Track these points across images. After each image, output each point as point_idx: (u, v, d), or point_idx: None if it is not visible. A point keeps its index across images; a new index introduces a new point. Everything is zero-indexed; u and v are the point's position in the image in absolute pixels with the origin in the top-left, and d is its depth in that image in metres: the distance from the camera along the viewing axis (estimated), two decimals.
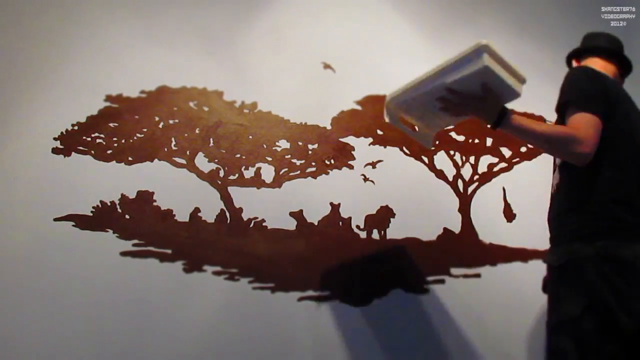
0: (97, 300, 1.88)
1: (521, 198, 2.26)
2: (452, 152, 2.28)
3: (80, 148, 2.06)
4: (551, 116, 2.40)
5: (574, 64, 1.81)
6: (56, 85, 2.12)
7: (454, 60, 1.47)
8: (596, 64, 1.68)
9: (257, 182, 2.12)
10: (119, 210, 2.00)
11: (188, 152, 2.12)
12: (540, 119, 2.38)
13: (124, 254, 1.95)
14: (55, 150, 2.03)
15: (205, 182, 2.09)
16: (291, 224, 2.08)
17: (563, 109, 1.47)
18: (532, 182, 2.26)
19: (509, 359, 2.06)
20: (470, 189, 2.25)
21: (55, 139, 2.05)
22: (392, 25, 2.46)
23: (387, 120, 1.72)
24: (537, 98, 2.44)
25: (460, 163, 2.27)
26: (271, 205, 2.09)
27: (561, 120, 1.48)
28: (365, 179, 2.19)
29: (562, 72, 2.51)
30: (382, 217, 2.14)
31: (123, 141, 2.09)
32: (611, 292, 1.30)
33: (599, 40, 1.78)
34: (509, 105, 1.48)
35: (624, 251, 1.34)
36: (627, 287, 1.30)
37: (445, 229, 2.17)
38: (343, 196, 2.14)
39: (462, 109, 1.52)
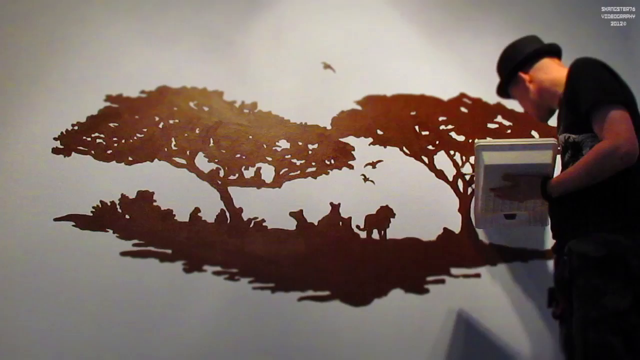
0: (97, 300, 1.88)
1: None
2: (452, 152, 2.28)
3: (80, 148, 2.06)
4: None
5: (526, 78, 1.72)
6: (56, 85, 2.12)
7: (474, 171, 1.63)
8: (548, 66, 1.68)
9: (257, 182, 2.12)
10: (119, 210, 2.00)
11: (188, 152, 2.12)
12: None
13: (124, 254, 1.95)
14: (55, 150, 2.04)
15: (205, 182, 2.09)
16: (291, 224, 2.08)
17: (588, 111, 1.41)
18: None
19: (509, 359, 2.06)
20: (470, 189, 2.25)
21: (55, 139, 2.05)
22: (393, 25, 2.46)
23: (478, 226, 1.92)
24: None
25: (460, 163, 2.27)
26: (271, 205, 2.09)
27: (582, 126, 1.44)
28: (365, 179, 2.19)
29: None
30: (382, 217, 2.14)
31: (123, 141, 2.09)
32: None
33: (532, 44, 1.77)
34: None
35: None
36: None
37: (445, 229, 2.17)
38: (343, 196, 2.14)
39: (517, 199, 1.59)
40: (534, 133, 2.36)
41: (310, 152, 2.19)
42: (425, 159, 2.26)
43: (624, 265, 1.31)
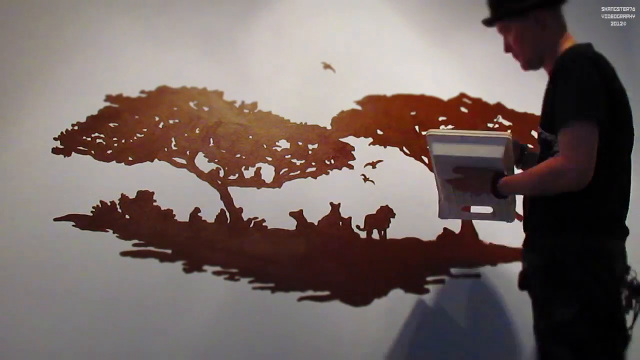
0: (97, 300, 1.88)
1: (521, 197, 2.26)
2: None
3: (80, 148, 2.06)
4: None
5: (544, 16, 1.50)
6: (56, 85, 2.12)
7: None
8: (568, 38, 1.50)
9: (257, 182, 2.12)
10: (119, 210, 2.00)
11: (188, 152, 2.12)
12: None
13: (124, 254, 1.95)
14: (55, 150, 2.03)
15: (205, 182, 2.09)
16: (291, 224, 2.08)
17: (557, 119, 1.32)
18: None
19: (509, 358, 2.06)
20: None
21: (55, 139, 2.05)
22: (392, 25, 2.45)
23: (441, 216, 1.80)
24: (537, 98, 2.44)
25: None
26: (271, 205, 2.09)
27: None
28: (365, 179, 2.19)
29: None
30: (382, 217, 2.14)
31: (123, 141, 2.09)
32: (603, 291, 1.23)
33: None
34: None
35: (613, 247, 1.28)
36: (617, 284, 1.25)
37: (445, 229, 2.17)
38: (343, 196, 2.14)
39: (470, 189, 1.52)
40: (533, 133, 2.36)
41: (310, 152, 2.19)
42: (425, 159, 2.26)
43: (566, 274, 1.26)
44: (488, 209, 1.69)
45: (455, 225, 2.18)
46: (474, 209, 1.75)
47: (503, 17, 1.53)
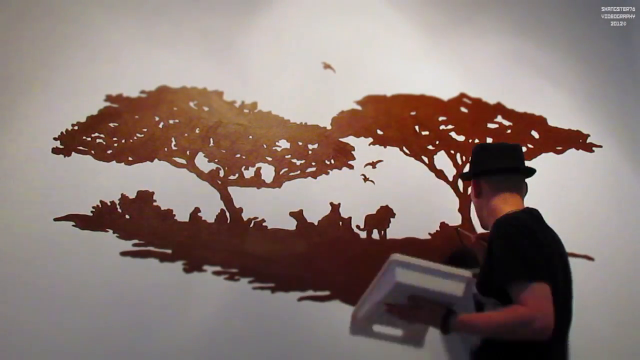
0: (97, 300, 1.88)
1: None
2: (452, 152, 2.28)
3: (80, 148, 2.06)
4: (549, 115, 2.40)
5: (475, 186, 1.67)
6: (56, 85, 2.12)
7: (376, 279, 1.48)
8: (506, 201, 1.58)
9: (257, 182, 2.12)
10: (119, 210, 2.00)
11: (188, 152, 2.12)
12: (541, 119, 2.38)
13: (124, 254, 1.95)
14: (55, 150, 2.03)
15: (205, 182, 2.09)
16: (291, 224, 2.08)
17: (504, 284, 1.36)
18: (533, 181, 2.26)
19: None
20: (470, 189, 2.24)
21: (55, 139, 2.05)
22: (392, 25, 2.46)
23: (352, 333, 1.72)
24: (537, 98, 2.45)
25: (460, 163, 2.27)
26: (271, 205, 2.09)
27: (500, 295, 1.39)
28: (365, 179, 2.19)
29: (562, 72, 2.54)
30: (382, 217, 2.14)
31: (123, 141, 2.09)
32: None
33: (501, 158, 1.66)
34: None
35: None
36: None
37: (445, 229, 2.16)
38: (343, 196, 2.14)
39: (409, 320, 1.48)
40: (533, 133, 2.36)
41: (310, 152, 2.19)
42: (425, 159, 2.26)
43: None
44: (398, 332, 1.66)
45: (455, 225, 2.18)
46: (385, 330, 1.68)
47: (463, 179, 1.80)
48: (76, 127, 2.08)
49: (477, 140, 2.31)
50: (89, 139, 2.07)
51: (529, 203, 2.06)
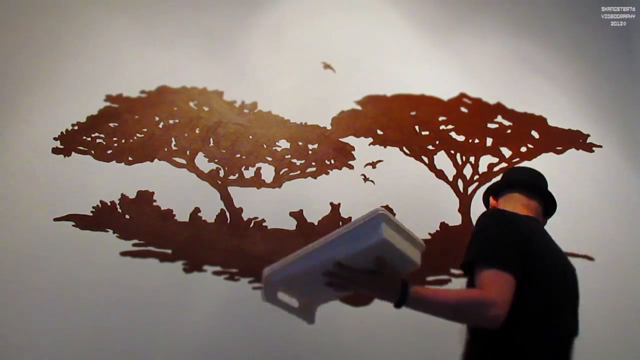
0: (97, 300, 1.88)
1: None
2: (452, 152, 2.28)
3: (80, 148, 2.06)
4: (549, 115, 2.40)
5: (492, 202, 1.62)
6: (56, 85, 2.12)
7: (345, 231, 1.26)
8: (516, 201, 1.53)
9: (257, 182, 2.12)
10: (119, 210, 2.00)
11: (188, 152, 2.12)
12: (541, 119, 2.38)
13: (124, 254, 1.95)
14: (55, 150, 2.03)
15: (205, 182, 2.09)
16: (291, 224, 2.08)
17: (470, 268, 1.31)
18: None
19: None
20: (470, 189, 2.25)
21: (55, 139, 2.05)
22: (392, 25, 2.46)
23: (263, 299, 1.45)
24: (537, 98, 2.45)
25: (460, 163, 2.27)
26: (271, 205, 2.09)
27: (471, 280, 1.32)
28: (365, 179, 2.19)
29: (562, 72, 2.54)
30: None
31: (123, 141, 2.09)
32: None
33: (518, 174, 1.63)
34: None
35: None
36: None
37: (445, 229, 2.16)
38: (343, 196, 2.14)
39: (352, 286, 1.30)
40: (533, 133, 2.36)
41: (310, 152, 2.19)
42: (425, 159, 2.26)
43: None
44: (294, 302, 1.51)
45: (455, 224, 2.18)
46: (285, 298, 1.49)
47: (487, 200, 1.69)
48: (76, 127, 2.08)
49: (477, 141, 2.31)
50: (89, 139, 2.07)
51: None
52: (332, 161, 2.19)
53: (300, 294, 1.49)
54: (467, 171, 2.27)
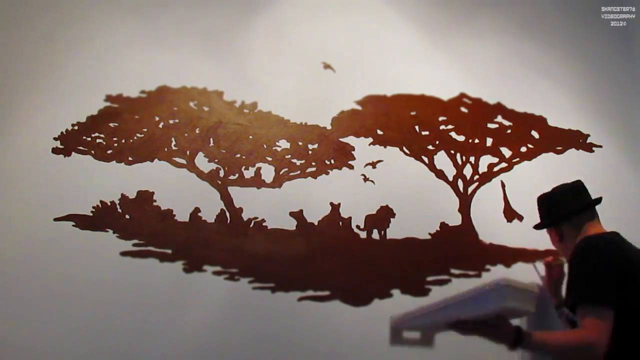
0: (97, 300, 1.88)
1: (521, 198, 2.26)
2: (452, 152, 2.28)
3: (80, 148, 2.06)
4: (549, 115, 2.40)
5: (558, 232, 1.75)
6: (56, 85, 2.12)
7: (470, 297, 1.47)
8: (588, 230, 1.67)
9: (257, 182, 2.12)
10: (119, 210, 2.00)
11: (188, 152, 2.12)
12: (541, 118, 2.38)
13: (124, 254, 1.95)
14: (55, 150, 2.04)
15: (205, 182, 2.09)
16: (291, 224, 2.08)
17: (572, 305, 1.46)
18: (532, 181, 2.26)
19: (510, 357, 2.06)
20: (470, 189, 2.25)
21: (55, 139, 2.05)
22: (392, 25, 2.46)
23: (391, 343, 1.66)
24: (537, 98, 2.45)
25: (460, 163, 2.27)
26: (271, 205, 2.09)
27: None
28: (365, 179, 2.19)
29: (562, 72, 2.53)
30: (382, 217, 2.14)
31: (123, 141, 2.09)
32: None
33: (570, 199, 1.78)
34: None
35: None
36: None
37: (444, 228, 2.16)
38: (343, 196, 2.14)
39: (473, 334, 1.50)
40: (533, 133, 2.36)
41: (310, 152, 2.19)
42: (425, 159, 2.26)
43: None
44: (417, 335, 1.71)
45: (455, 225, 2.18)
46: (411, 335, 1.70)
47: (539, 228, 1.86)
48: (76, 127, 2.08)
49: (477, 141, 2.31)
50: (89, 139, 2.07)
51: (531, 199, 2.07)
52: (332, 161, 2.19)
53: (421, 330, 1.69)
54: (467, 171, 2.27)
